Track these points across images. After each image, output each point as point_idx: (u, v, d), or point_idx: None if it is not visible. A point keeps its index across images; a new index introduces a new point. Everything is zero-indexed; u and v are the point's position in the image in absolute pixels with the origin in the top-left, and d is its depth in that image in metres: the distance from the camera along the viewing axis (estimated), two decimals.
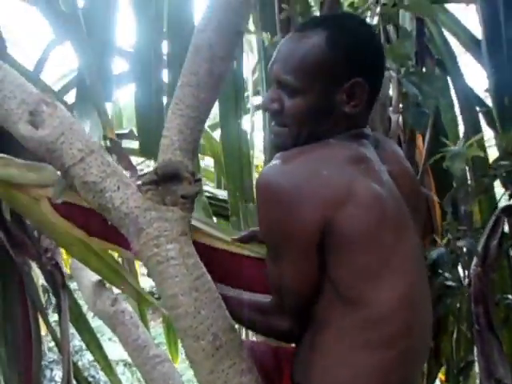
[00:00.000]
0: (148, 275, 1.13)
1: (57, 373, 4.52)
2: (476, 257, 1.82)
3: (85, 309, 2.54)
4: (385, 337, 0.98)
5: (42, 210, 1.28)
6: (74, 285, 2.58)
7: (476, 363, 1.91)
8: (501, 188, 1.91)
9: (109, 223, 1.15)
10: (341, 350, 1.00)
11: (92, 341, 2.53)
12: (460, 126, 2.22)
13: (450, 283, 1.83)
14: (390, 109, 1.92)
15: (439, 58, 2.21)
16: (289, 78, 1.03)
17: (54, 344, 2.49)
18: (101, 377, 4.66)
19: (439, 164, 1.72)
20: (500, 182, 1.86)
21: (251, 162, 2.30)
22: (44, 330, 2.48)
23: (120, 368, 4.97)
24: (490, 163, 1.89)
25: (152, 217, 1.09)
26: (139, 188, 1.12)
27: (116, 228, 1.13)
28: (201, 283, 1.08)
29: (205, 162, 3.47)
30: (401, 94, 1.88)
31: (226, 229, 1.31)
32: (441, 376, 2.27)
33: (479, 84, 2.21)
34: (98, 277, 2.09)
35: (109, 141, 1.84)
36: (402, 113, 1.92)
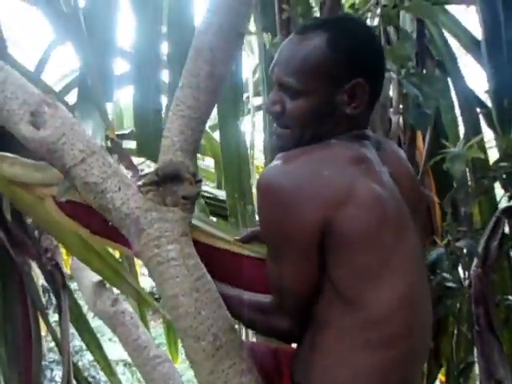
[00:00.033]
0: (149, 276, 1.13)
1: (57, 373, 4.52)
2: (476, 258, 1.82)
3: (85, 309, 2.54)
4: (385, 337, 0.98)
5: (47, 209, 1.28)
6: (75, 285, 2.58)
7: (476, 364, 1.91)
8: (501, 189, 1.91)
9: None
10: (341, 350, 1.00)
11: (92, 341, 2.53)
12: (460, 127, 2.22)
13: (451, 284, 1.83)
14: (391, 110, 1.93)
15: (439, 60, 2.21)
16: (290, 81, 1.03)
17: (55, 344, 2.49)
18: (101, 377, 4.65)
19: (439, 165, 1.72)
20: (500, 184, 1.86)
21: (250, 164, 2.29)
22: (44, 330, 2.48)
23: (120, 368, 4.96)
24: (491, 165, 1.89)
25: (153, 217, 1.09)
26: (140, 189, 1.12)
27: None
28: (201, 284, 1.08)
29: (205, 163, 3.47)
30: (401, 95, 1.88)
31: (227, 229, 1.30)
32: (441, 377, 2.27)
33: (480, 85, 2.21)
34: (99, 277, 2.10)
35: (110, 141, 1.84)
36: (403, 114, 1.93)
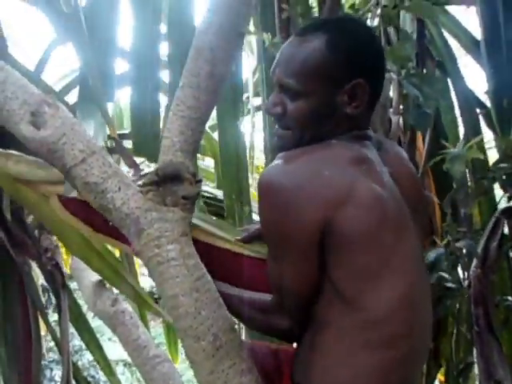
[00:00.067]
0: (149, 275, 1.13)
1: (56, 373, 4.52)
2: (476, 258, 1.82)
3: (85, 309, 2.54)
4: (385, 337, 0.98)
5: (51, 207, 1.27)
6: (74, 285, 2.59)
7: (475, 365, 1.91)
8: (501, 189, 1.91)
9: None
10: (341, 350, 1.00)
11: (92, 341, 2.53)
12: (460, 128, 2.22)
13: (450, 285, 1.83)
14: (391, 110, 1.92)
15: (440, 60, 2.21)
16: (291, 82, 1.04)
17: (54, 344, 2.50)
18: (100, 377, 4.65)
19: (439, 166, 1.72)
20: (499, 185, 1.86)
21: (248, 165, 2.28)
22: (44, 330, 2.48)
23: (120, 368, 4.96)
24: (490, 165, 1.89)
25: (153, 217, 1.09)
26: (140, 189, 1.12)
27: None
28: (201, 284, 1.08)
29: (205, 163, 3.47)
30: (401, 96, 1.88)
31: (227, 226, 1.30)
32: (440, 377, 2.27)
33: (479, 86, 2.21)
34: (99, 277, 2.10)
35: (110, 141, 1.84)
36: (403, 114, 1.92)
